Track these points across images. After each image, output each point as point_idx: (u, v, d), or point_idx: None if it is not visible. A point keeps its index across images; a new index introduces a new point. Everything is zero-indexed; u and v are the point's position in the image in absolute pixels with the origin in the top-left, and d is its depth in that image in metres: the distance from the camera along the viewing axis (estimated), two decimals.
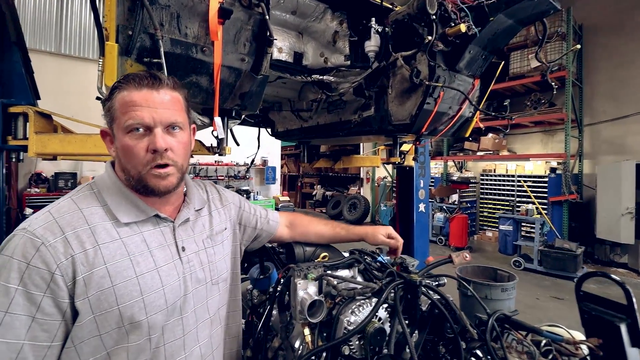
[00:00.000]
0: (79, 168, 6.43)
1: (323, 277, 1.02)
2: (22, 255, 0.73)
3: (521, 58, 7.33)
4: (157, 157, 0.84)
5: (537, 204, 6.62)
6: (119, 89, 0.85)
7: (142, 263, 0.84)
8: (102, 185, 0.89)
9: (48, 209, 0.82)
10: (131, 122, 0.82)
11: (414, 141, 2.58)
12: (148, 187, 0.86)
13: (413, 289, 1.04)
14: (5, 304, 0.70)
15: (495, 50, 2.23)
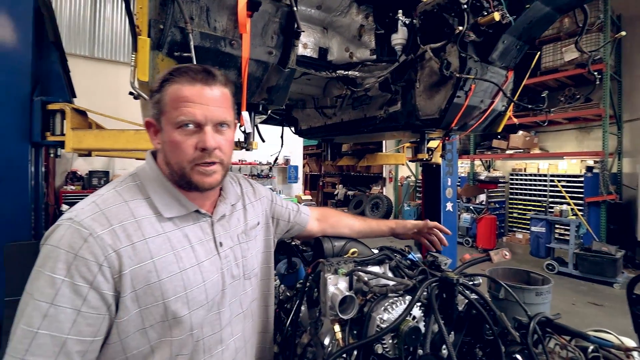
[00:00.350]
0: (111, 166, 6.72)
1: (354, 272, 0.99)
2: (69, 246, 0.71)
3: (554, 51, 6.98)
4: (205, 156, 0.83)
5: (572, 205, 6.26)
6: (170, 81, 0.82)
7: (185, 258, 0.83)
8: (144, 177, 0.87)
9: (93, 199, 0.80)
10: (183, 118, 0.80)
11: (443, 137, 2.49)
12: (192, 183, 0.85)
13: (450, 288, 0.98)
14: (50, 295, 0.68)
15: (530, 40, 2.11)
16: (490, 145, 8.32)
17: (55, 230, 0.75)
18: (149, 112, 0.87)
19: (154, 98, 0.85)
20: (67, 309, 0.69)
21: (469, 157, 8.84)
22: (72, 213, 0.77)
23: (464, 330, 1.00)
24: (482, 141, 8.84)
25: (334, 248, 1.19)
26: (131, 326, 0.76)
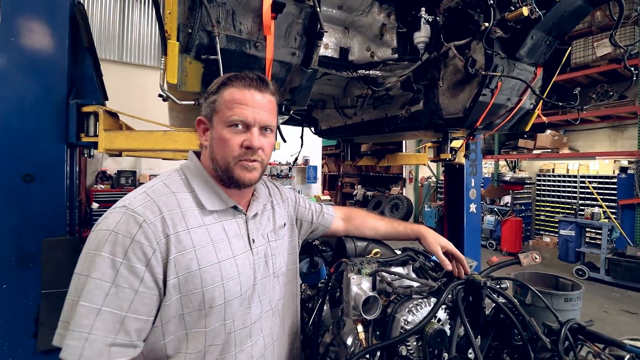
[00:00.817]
0: (138, 166, 6.98)
1: (377, 272, 0.98)
2: (126, 231, 0.76)
3: (585, 46, 6.67)
4: (249, 154, 0.90)
5: (605, 208, 5.96)
6: (227, 84, 0.90)
7: (222, 250, 0.88)
8: (189, 172, 0.94)
9: (144, 189, 0.86)
10: (235, 118, 0.88)
11: (467, 136, 2.43)
12: (233, 178, 0.91)
13: (477, 291, 0.96)
14: (111, 275, 0.73)
15: (561, 35, 2.03)
16: (516, 145, 8.04)
17: (109, 217, 0.79)
18: (202, 111, 0.94)
19: (210, 99, 0.92)
20: (126, 289, 0.74)
21: (493, 157, 8.58)
22: (126, 201, 0.82)
23: (490, 335, 0.98)
24: (508, 141, 8.57)
25: (356, 248, 1.19)
26: (172, 311, 0.80)
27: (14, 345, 1.68)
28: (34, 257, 1.70)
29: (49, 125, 1.71)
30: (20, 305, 1.69)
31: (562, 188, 7.70)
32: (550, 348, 1.01)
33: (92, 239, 0.78)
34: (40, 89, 1.70)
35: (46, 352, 1.73)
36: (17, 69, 1.68)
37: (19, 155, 1.68)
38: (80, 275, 0.75)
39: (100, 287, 0.73)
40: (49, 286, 1.71)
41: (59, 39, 1.73)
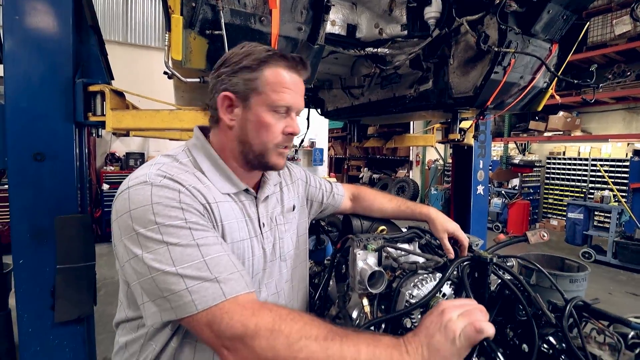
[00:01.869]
0: (146, 148, 7.03)
1: (383, 248, 0.99)
2: (169, 198, 0.71)
3: (603, 24, 6.39)
4: (289, 140, 0.88)
5: (615, 191, 5.86)
6: (271, 63, 0.82)
7: (242, 230, 0.86)
8: (196, 153, 0.87)
9: (156, 168, 0.78)
10: (282, 103, 0.83)
11: (477, 116, 2.39)
12: (268, 164, 0.87)
13: (482, 267, 0.97)
14: (188, 234, 0.70)
15: (579, 10, 1.95)
16: (527, 127, 7.88)
17: (134, 195, 0.72)
18: (229, 85, 0.84)
19: (247, 75, 0.82)
20: (210, 237, 0.73)
21: (503, 140, 8.43)
22: (142, 178, 0.74)
23: (495, 310, 0.99)
24: (518, 123, 8.39)
25: (362, 225, 1.19)
26: None
27: (32, 317, 1.75)
28: (47, 233, 1.75)
29: (57, 105, 1.72)
30: (36, 280, 1.75)
31: (572, 171, 7.58)
32: (554, 323, 1.02)
33: (127, 222, 0.70)
34: (47, 68, 1.70)
35: (63, 324, 1.81)
36: (23, 48, 1.68)
37: (29, 135, 1.70)
38: (144, 254, 0.68)
39: (190, 245, 0.69)
40: (64, 261, 1.77)
41: (63, 18, 1.71)
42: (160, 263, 0.67)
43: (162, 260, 0.67)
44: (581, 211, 5.88)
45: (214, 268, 0.68)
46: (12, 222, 1.70)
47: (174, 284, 0.66)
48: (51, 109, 1.71)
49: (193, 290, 0.65)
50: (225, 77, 0.84)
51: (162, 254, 0.67)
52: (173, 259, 0.67)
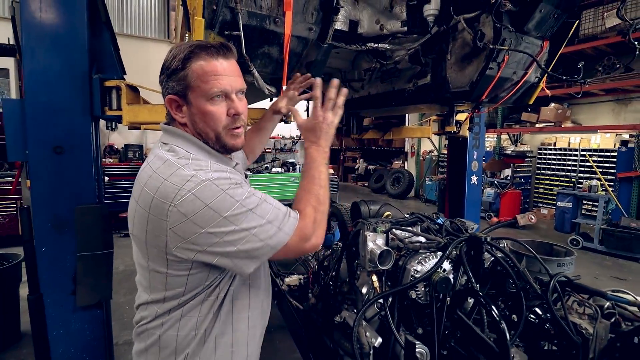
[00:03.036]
0: (144, 140, 7.06)
1: (390, 230, 1.11)
2: (230, 183, 0.85)
3: (594, 17, 6.52)
4: (236, 120, 0.95)
5: (602, 180, 6.08)
6: (193, 58, 0.88)
7: None
8: (189, 146, 0.94)
9: (192, 168, 0.86)
10: (215, 90, 0.89)
11: (472, 109, 2.50)
12: (227, 146, 0.97)
13: (477, 245, 1.10)
14: (255, 199, 0.86)
15: (569, 8, 2.06)
16: (519, 119, 8.05)
17: (200, 193, 0.81)
18: (170, 89, 0.92)
19: (178, 76, 0.90)
20: (259, 193, 0.90)
21: (496, 131, 8.61)
22: (195, 179, 0.83)
23: (488, 284, 1.12)
24: (511, 114, 8.56)
25: (370, 211, 1.31)
26: None
27: (55, 302, 1.86)
28: (68, 223, 1.84)
29: (75, 99, 1.80)
30: (58, 266, 1.85)
31: (562, 161, 7.80)
32: (539, 294, 1.16)
33: (213, 211, 0.81)
34: (64, 63, 1.77)
35: (84, 308, 1.92)
36: (40, 45, 1.74)
37: (48, 128, 1.78)
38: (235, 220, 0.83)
39: (264, 207, 0.87)
40: (84, 249, 1.87)
41: (79, 15, 1.78)
42: (255, 222, 0.85)
43: (254, 220, 0.85)
44: (570, 200, 6.10)
45: (281, 208, 0.91)
46: (34, 212, 1.78)
47: (269, 229, 0.86)
48: (69, 103, 1.79)
49: (282, 227, 0.88)
50: (165, 82, 0.94)
51: (252, 217, 0.85)
52: (260, 216, 0.86)
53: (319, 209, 0.95)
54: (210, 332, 0.95)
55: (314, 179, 0.98)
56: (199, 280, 0.91)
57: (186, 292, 0.92)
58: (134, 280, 1.04)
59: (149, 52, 6.73)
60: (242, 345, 1.00)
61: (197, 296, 0.93)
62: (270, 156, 8.77)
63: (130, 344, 3.13)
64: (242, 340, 1.00)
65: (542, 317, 1.23)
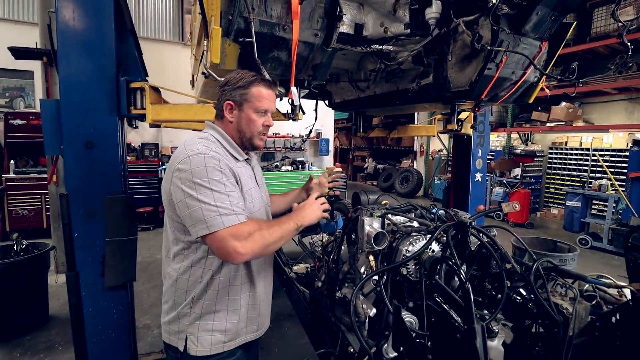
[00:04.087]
0: (160, 139, 7.33)
1: (386, 215, 1.25)
2: (214, 163, 1.13)
3: (607, 15, 6.46)
4: (266, 130, 1.34)
5: (612, 180, 6.04)
6: (255, 84, 1.28)
7: (250, 182, 1.31)
8: (219, 137, 1.30)
9: (202, 144, 1.19)
10: (262, 107, 1.29)
11: (473, 108, 2.61)
12: (254, 144, 1.35)
13: (463, 229, 1.22)
14: (223, 186, 1.12)
15: (566, 11, 2.14)
16: (530, 118, 8.01)
17: (193, 160, 1.13)
18: (230, 97, 1.29)
19: (241, 91, 1.28)
20: (233, 190, 1.16)
21: (506, 130, 8.58)
22: (197, 150, 1.15)
23: (474, 264, 1.25)
24: (521, 113, 8.52)
25: (369, 200, 1.45)
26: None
27: (86, 282, 2.05)
28: (98, 211, 2.03)
29: (103, 100, 1.98)
30: (88, 250, 2.04)
31: (573, 161, 7.74)
32: (524, 277, 1.27)
33: (187, 174, 1.10)
34: (94, 68, 1.96)
35: (112, 289, 2.11)
36: (74, 51, 1.94)
37: (80, 126, 1.97)
38: (198, 195, 1.09)
39: (222, 191, 1.11)
40: (112, 235, 2.06)
41: (107, 23, 1.96)
42: (207, 199, 1.09)
43: (209, 198, 1.09)
44: (579, 199, 6.07)
45: (234, 206, 1.12)
46: (70, 202, 1.97)
47: (212, 212, 1.08)
48: (99, 103, 1.98)
49: (223, 215, 1.09)
50: (227, 92, 1.30)
51: (209, 195, 1.09)
52: (214, 198, 1.10)
53: (266, 238, 1.13)
54: (211, 282, 1.21)
55: (284, 226, 1.20)
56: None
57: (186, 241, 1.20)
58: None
59: (164, 54, 6.99)
60: (239, 297, 1.27)
61: (197, 249, 1.20)
62: (280, 155, 8.95)
63: (149, 328, 3.34)
64: (241, 294, 1.27)
65: (525, 298, 1.35)
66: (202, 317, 1.22)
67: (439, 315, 0.88)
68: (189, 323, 1.22)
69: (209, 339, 1.22)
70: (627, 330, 1.27)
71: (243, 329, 1.29)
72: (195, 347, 1.21)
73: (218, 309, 1.23)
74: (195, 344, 1.21)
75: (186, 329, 1.23)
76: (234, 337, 1.26)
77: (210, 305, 1.22)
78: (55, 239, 4.46)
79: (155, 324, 3.44)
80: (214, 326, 1.23)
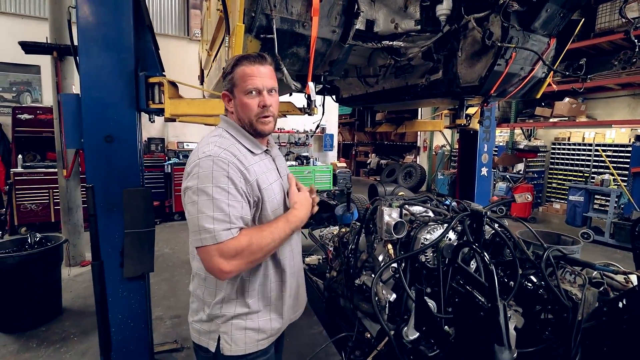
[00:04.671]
0: (166, 134, 7.37)
1: (404, 206, 1.31)
2: (221, 169, 1.07)
3: (611, 11, 6.46)
4: (264, 111, 1.20)
5: (615, 175, 6.08)
6: (238, 65, 1.19)
7: (269, 178, 1.23)
8: (231, 130, 1.23)
9: (213, 145, 1.13)
10: (249, 87, 1.17)
11: (482, 103, 2.65)
12: (257, 130, 1.22)
13: (479, 219, 1.28)
14: (226, 195, 1.06)
15: (574, 8, 2.18)
16: (533, 113, 8.04)
17: (202, 163, 1.08)
18: (224, 87, 1.23)
19: (227, 78, 1.21)
20: (237, 202, 1.09)
21: (509, 126, 8.61)
22: (207, 152, 1.10)
23: (488, 252, 1.30)
24: (524, 109, 8.54)
25: (385, 191, 1.51)
26: (264, 209, 1.19)
27: (107, 272, 2.11)
28: (117, 204, 2.09)
29: (123, 94, 2.03)
30: (108, 241, 2.11)
31: (576, 156, 7.79)
32: (536, 265, 1.33)
33: (195, 180, 1.06)
34: (114, 63, 2.01)
35: (130, 279, 2.18)
36: (94, 46, 1.98)
37: (100, 120, 2.02)
38: (199, 202, 1.05)
39: (222, 202, 1.06)
40: (130, 227, 2.12)
41: (126, 19, 2.01)
42: (205, 208, 1.05)
43: (206, 208, 1.05)
44: (582, 194, 6.13)
45: (232, 218, 1.06)
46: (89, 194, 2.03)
47: (207, 224, 1.04)
48: (118, 98, 2.03)
49: (216, 229, 1.04)
50: (222, 82, 1.24)
51: (208, 205, 1.05)
52: (213, 208, 1.05)
53: (254, 252, 1.08)
54: (241, 281, 1.19)
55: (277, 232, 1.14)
56: None
57: None
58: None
59: (169, 49, 7.00)
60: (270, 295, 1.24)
61: None
62: (284, 150, 9.00)
63: (161, 319, 3.42)
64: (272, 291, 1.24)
65: (536, 284, 1.41)
66: (235, 317, 1.19)
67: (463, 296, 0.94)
68: (222, 322, 1.19)
69: (242, 337, 1.20)
70: (633, 315, 1.33)
71: (276, 325, 1.27)
72: (230, 346, 1.18)
73: (250, 308, 1.20)
74: (229, 343, 1.19)
75: (218, 328, 1.20)
76: (267, 335, 1.24)
77: (241, 304, 1.20)
78: (65, 233, 4.54)
79: (167, 315, 3.52)
80: (247, 324, 1.20)
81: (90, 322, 3.33)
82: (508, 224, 1.66)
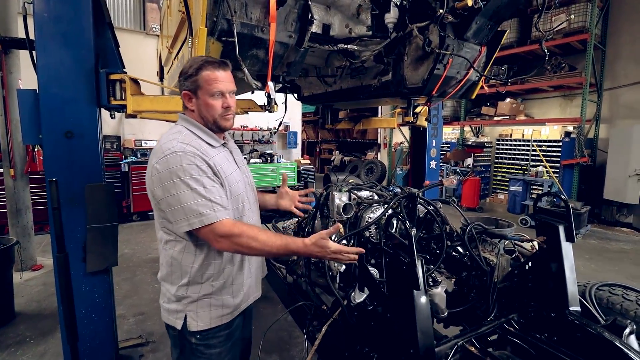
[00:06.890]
0: (121, 132, 7.09)
1: (352, 190, 1.52)
2: (189, 161, 1.18)
3: (544, 20, 7.23)
4: (227, 110, 1.35)
5: (547, 167, 6.85)
6: (203, 69, 1.29)
7: (230, 167, 1.36)
8: (191, 126, 1.34)
9: (176, 140, 1.23)
10: (215, 90, 1.30)
11: (425, 102, 2.95)
12: (221, 126, 1.36)
13: (413, 199, 1.52)
14: (201, 182, 1.18)
15: (500, 20, 2.53)
16: (480, 112, 8.76)
17: (170, 159, 1.19)
18: (185, 87, 1.32)
19: (192, 79, 1.30)
20: (212, 185, 1.21)
21: (459, 124, 9.30)
22: (172, 148, 1.20)
23: (421, 227, 1.56)
24: (472, 108, 9.26)
25: (337, 179, 1.71)
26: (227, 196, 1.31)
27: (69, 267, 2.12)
28: (78, 199, 2.11)
29: (83, 90, 2.06)
30: (70, 237, 2.12)
31: (517, 151, 8.62)
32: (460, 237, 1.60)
33: (166, 174, 1.17)
34: (73, 59, 2.03)
35: (93, 274, 2.21)
36: (52, 42, 1.99)
37: (59, 116, 2.03)
38: (177, 194, 1.17)
39: (199, 189, 1.18)
40: (93, 222, 2.15)
41: (85, 16, 2.03)
42: (187, 197, 1.17)
43: (188, 196, 1.17)
44: (520, 184, 6.84)
45: (213, 204, 1.20)
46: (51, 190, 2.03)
47: (193, 210, 1.17)
48: (78, 94, 2.05)
49: (203, 213, 1.17)
50: (182, 82, 1.33)
51: (187, 194, 1.17)
52: (193, 196, 1.17)
53: (251, 244, 1.20)
54: (205, 264, 1.30)
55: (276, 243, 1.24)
56: None
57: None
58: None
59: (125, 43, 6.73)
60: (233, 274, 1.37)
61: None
62: (248, 147, 9.01)
63: (125, 317, 3.41)
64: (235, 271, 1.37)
65: (461, 253, 1.69)
66: (200, 298, 1.30)
67: (391, 256, 1.16)
68: (188, 302, 1.30)
69: (207, 314, 1.31)
70: (535, 273, 1.65)
71: (240, 301, 1.38)
72: (196, 322, 1.30)
73: (214, 288, 1.31)
74: (195, 320, 1.30)
75: (185, 308, 1.30)
76: (230, 310, 1.36)
77: (206, 286, 1.30)
78: (13, 235, 4.30)
79: (130, 313, 3.50)
80: (211, 302, 1.31)
81: (48, 324, 3.24)
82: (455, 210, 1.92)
